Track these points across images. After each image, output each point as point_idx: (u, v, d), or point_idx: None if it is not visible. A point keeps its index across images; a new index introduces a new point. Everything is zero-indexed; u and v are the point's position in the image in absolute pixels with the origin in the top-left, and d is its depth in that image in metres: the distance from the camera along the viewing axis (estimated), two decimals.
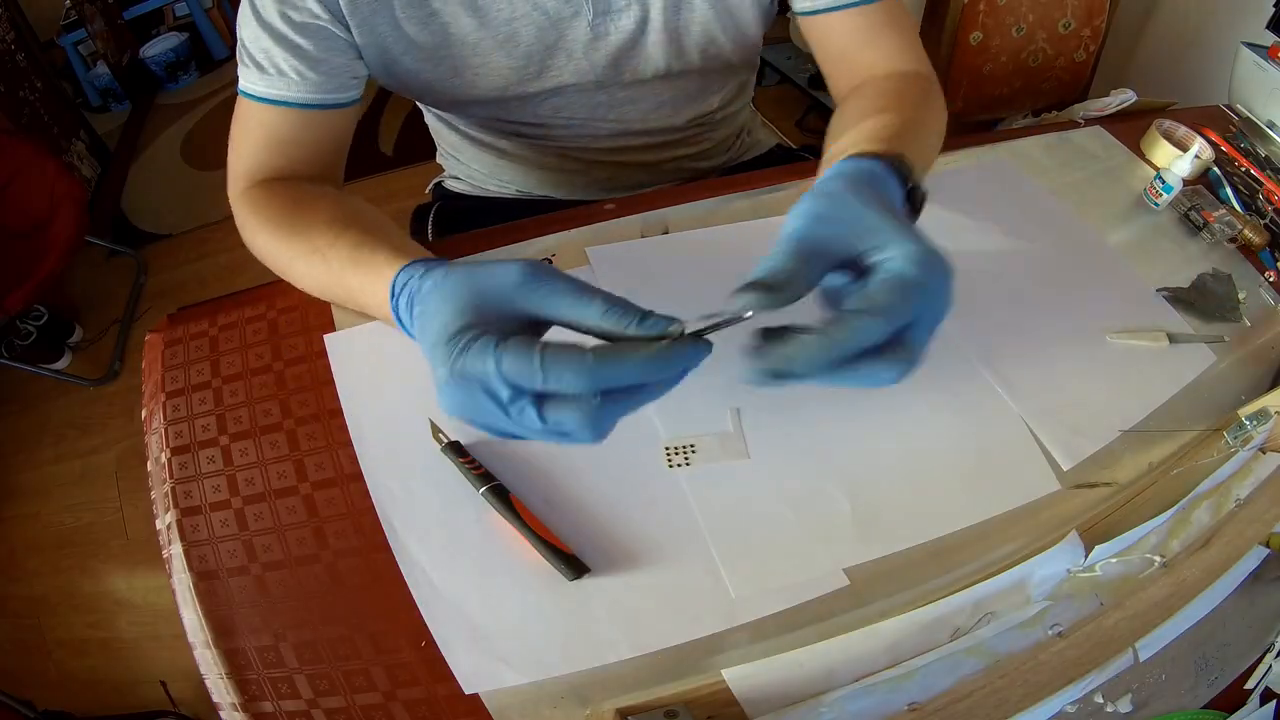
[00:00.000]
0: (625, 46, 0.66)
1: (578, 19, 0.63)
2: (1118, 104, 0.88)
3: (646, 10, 0.64)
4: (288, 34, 0.57)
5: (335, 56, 0.60)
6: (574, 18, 0.63)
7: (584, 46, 0.65)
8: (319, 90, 0.60)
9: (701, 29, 0.66)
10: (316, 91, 0.60)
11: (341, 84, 0.61)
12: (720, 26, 0.67)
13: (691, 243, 0.67)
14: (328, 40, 0.59)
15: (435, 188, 0.94)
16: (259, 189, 0.61)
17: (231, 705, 0.45)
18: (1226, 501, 0.53)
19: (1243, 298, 0.68)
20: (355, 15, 0.59)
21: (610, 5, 0.63)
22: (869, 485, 0.53)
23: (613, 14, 0.64)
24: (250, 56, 0.59)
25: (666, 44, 0.67)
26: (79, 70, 2.26)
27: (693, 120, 0.79)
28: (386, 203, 1.97)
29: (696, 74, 0.72)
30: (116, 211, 2.04)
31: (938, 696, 0.43)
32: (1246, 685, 0.48)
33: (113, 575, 1.41)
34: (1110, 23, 1.35)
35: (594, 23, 0.64)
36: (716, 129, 0.84)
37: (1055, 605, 0.48)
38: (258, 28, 0.57)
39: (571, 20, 0.63)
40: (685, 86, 0.74)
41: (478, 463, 0.52)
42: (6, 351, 1.61)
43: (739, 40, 0.69)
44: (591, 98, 0.71)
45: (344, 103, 0.62)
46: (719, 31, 0.67)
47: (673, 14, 0.65)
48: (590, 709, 0.44)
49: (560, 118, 0.73)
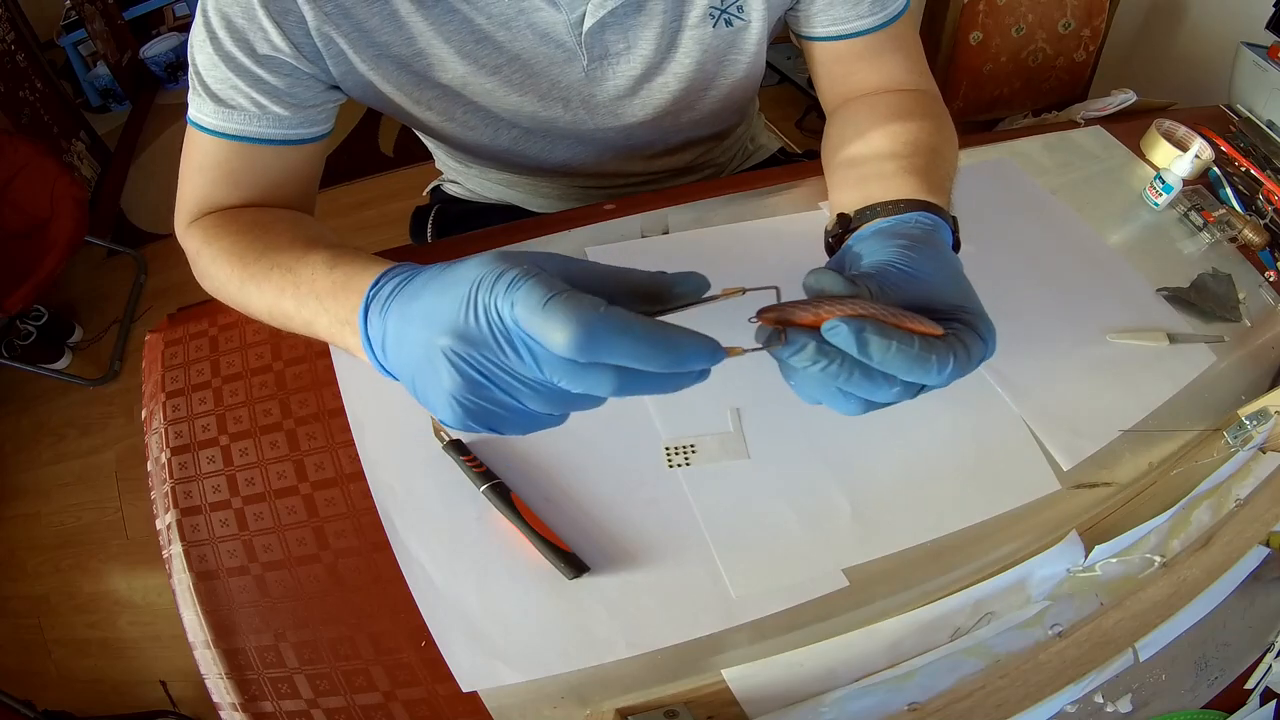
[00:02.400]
0: (623, 91, 0.63)
1: (572, 64, 0.60)
2: (1118, 104, 0.88)
3: (644, 55, 0.60)
4: (248, 65, 0.52)
5: (302, 90, 0.55)
6: (568, 63, 0.59)
7: (580, 93, 0.62)
8: (282, 126, 0.55)
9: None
10: (279, 127, 0.54)
11: (308, 118, 0.56)
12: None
13: (691, 243, 0.67)
14: (292, 75, 0.54)
15: (434, 190, 0.94)
16: (212, 218, 0.56)
17: (231, 705, 0.45)
18: (1226, 501, 0.53)
19: (1243, 298, 0.68)
20: (330, 51, 0.54)
21: (607, 50, 0.59)
22: (869, 485, 0.53)
23: (610, 59, 0.60)
24: (204, 86, 0.53)
25: (664, 87, 0.64)
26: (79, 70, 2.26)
27: (696, 150, 0.79)
28: (386, 203, 1.97)
29: (700, 112, 0.69)
30: (116, 211, 2.04)
31: (938, 696, 0.43)
32: (1246, 685, 0.48)
33: (113, 575, 1.41)
34: (1110, 23, 1.35)
35: (589, 68, 0.60)
36: (721, 154, 0.84)
37: (1055, 605, 0.48)
38: (214, 55, 0.52)
39: (565, 65, 0.60)
40: (689, 122, 0.71)
41: (479, 461, 0.52)
42: (6, 351, 1.61)
43: (743, 75, 0.66)
44: (590, 138, 0.69)
45: (310, 138, 0.57)
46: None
47: (669, 57, 0.62)
48: (590, 709, 0.44)
49: (557, 158, 0.71)
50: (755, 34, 0.62)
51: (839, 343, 0.34)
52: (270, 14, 0.50)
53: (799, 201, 0.70)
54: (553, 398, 0.34)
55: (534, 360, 0.32)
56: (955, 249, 0.49)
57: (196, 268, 0.57)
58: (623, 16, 0.57)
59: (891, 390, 0.36)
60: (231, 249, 0.52)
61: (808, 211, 0.69)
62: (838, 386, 0.36)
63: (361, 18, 0.53)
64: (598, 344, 0.31)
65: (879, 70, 0.64)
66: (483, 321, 0.33)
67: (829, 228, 0.53)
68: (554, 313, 0.31)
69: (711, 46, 0.62)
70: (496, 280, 0.33)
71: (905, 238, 0.42)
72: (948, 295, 0.39)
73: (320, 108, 0.57)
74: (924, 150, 0.55)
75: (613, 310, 0.31)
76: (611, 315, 0.31)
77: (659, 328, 0.32)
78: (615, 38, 0.59)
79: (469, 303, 0.33)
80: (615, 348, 0.31)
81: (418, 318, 0.36)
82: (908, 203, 0.48)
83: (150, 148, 2.20)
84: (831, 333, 0.34)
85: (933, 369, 0.36)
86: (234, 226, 0.55)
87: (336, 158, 2.08)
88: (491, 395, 0.34)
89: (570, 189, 0.80)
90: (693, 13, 0.59)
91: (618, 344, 0.31)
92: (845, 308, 0.34)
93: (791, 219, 0.69)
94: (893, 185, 0.51)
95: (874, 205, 0.49)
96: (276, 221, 0.56)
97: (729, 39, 0.62)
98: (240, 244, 0.53)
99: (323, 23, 0.52)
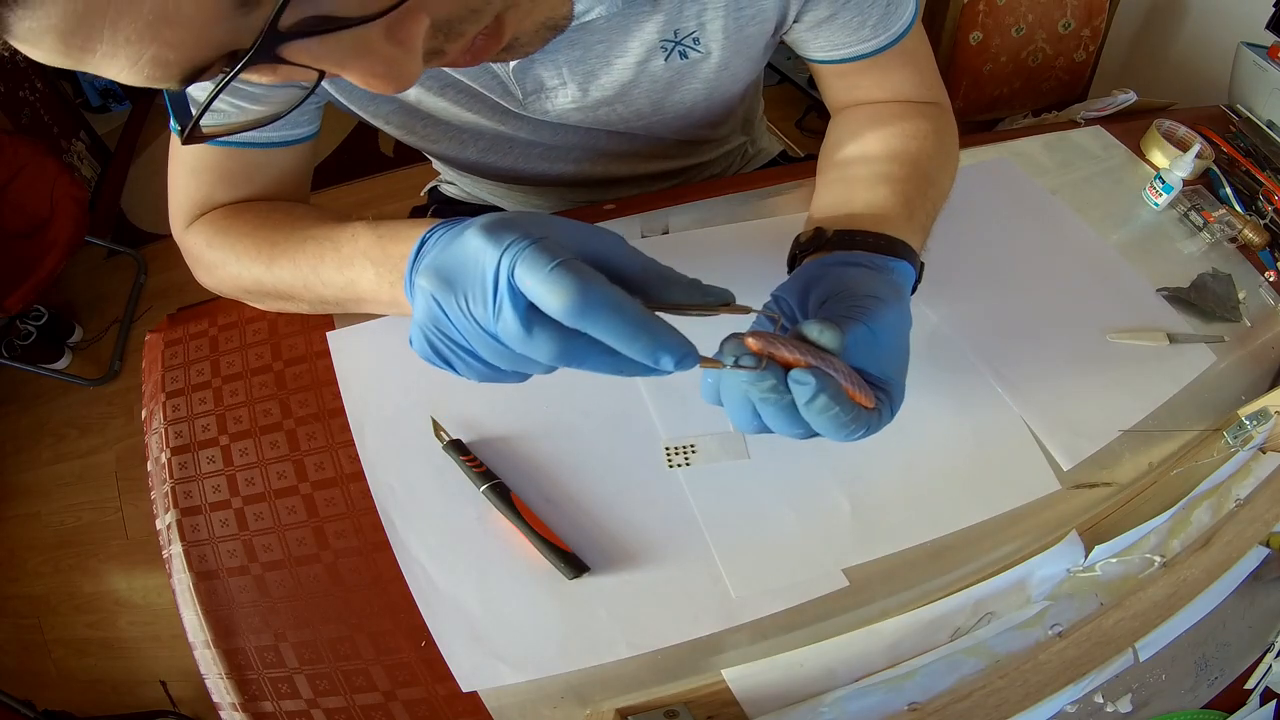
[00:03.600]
0: (568, 117, 0.61)
1: (509, 95, 0.58)
2: (1118, 104, 0.88)
3: (582, 87, 0.57)
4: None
5: (280, 93, 0.53)
6: (505, 94, 0.58)
7: (527, 118, 0.61)
8: (266, 130, 0.53)
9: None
10: (264, 131, 0.53)
11: (290, 121, 0.55)
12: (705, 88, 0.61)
13: (691, 243, 0.67)
14: (268, 86, 0.51)
15: (431, 191, 0.94)
16: (219, 213, 0.56)
17: (231, 705, 0.45)
18: (1226, 501, 0.53)
19: (1243, 298, 0.68)
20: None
21: (541, 84, 0.57)
22: (869, 485, 0.53)
23: (545, 92, 0.58)
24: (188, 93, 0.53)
25: (612, 113, 0.61)
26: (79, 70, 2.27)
27: (678, 159, 0.77)
28: (386, 203, 1.97)
29: (661, 130, 0.67)
30: (116, 211, 2.04)
31: (938, 696, 0.43)
32: (1246, 685, 0.48)
33: (113, 575, 1.41)
34: (1110, 23, 1.35)
35: (526, 101, 0.58)
36: (715, 165, 0.83)
37: (1055, 605, 0.48)
38: None
39: (503, 95, 0.58)
40: (650, 139, 0.69)
41: (479, 461, 0.52)
42: (6, 351, 1.61)
43: (702, 100, 0.62)
44: (556, 155, 0.68)
45: (295, 140, 0.57)
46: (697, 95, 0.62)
47: (624, 84, 0.58)
48: (590, 709, 0.44)
49: (533, 169, 0.70)
50: (715, 63, 0.58)
51: (795, 391, 0.36)
52: None
53: (800, 202, 0.70)
54: (502, 355, 0.35)
55: (494, 319, 0.33)
56: (913, 290, 0.50)
57: (203, 263, 0.57)
58: (553, 52, 0.54)
59: (797, 433, 0.38)
60: (254, 233, 0.54)
61: (807, 212, 0.69)
62: (759, 411, 0.38)
63: None
64: (589, 314, 0.32)
65: (885, 85, 0.62)
66: (479, 274, 0.34)
67: (801, 236, 0.53)
68: (558, 278, 0.31)
69: (661, 78, 0.58)
70: (508, 247, 0.33)
71: (879, 296, 0.43)
72: (890, 369, 0.41)
73: (303, 110, 0.55)
74: (917, 170, 0.55)
75: (611, 288, 0.32)
76: (609, 292, 0.32)
77: (646, 317, 0.33)
78: (549, 73, 0.56)
79: (474, 257, 0.34)
80: (602, 322, 0.32)
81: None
82: (889, 242, 0.49)
83: (150, 148, 2.20)
84: (797, 382, 0.36)
85: (844, 433, 0.38)
86: (249, 214, 0.56)
87: (336, 158, 2.08)
88: (452, 337, 0.36)
89: (557, 197, 0.80)
90: (635, 47, 0.54)
91: (607, 319, 0.32)
92: (821, 363, 0.37)
93: (792, 219, 0.69)
94: (875, 197, 0.52)
95: (855, 233, 0.49)
96: (294, 206, 0.57)
97: (682, 70, 0.58)
98: (265, 227, 0.54)
99: None
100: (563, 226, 0.35)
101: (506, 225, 0.34)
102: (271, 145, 0.56)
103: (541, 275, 0.31)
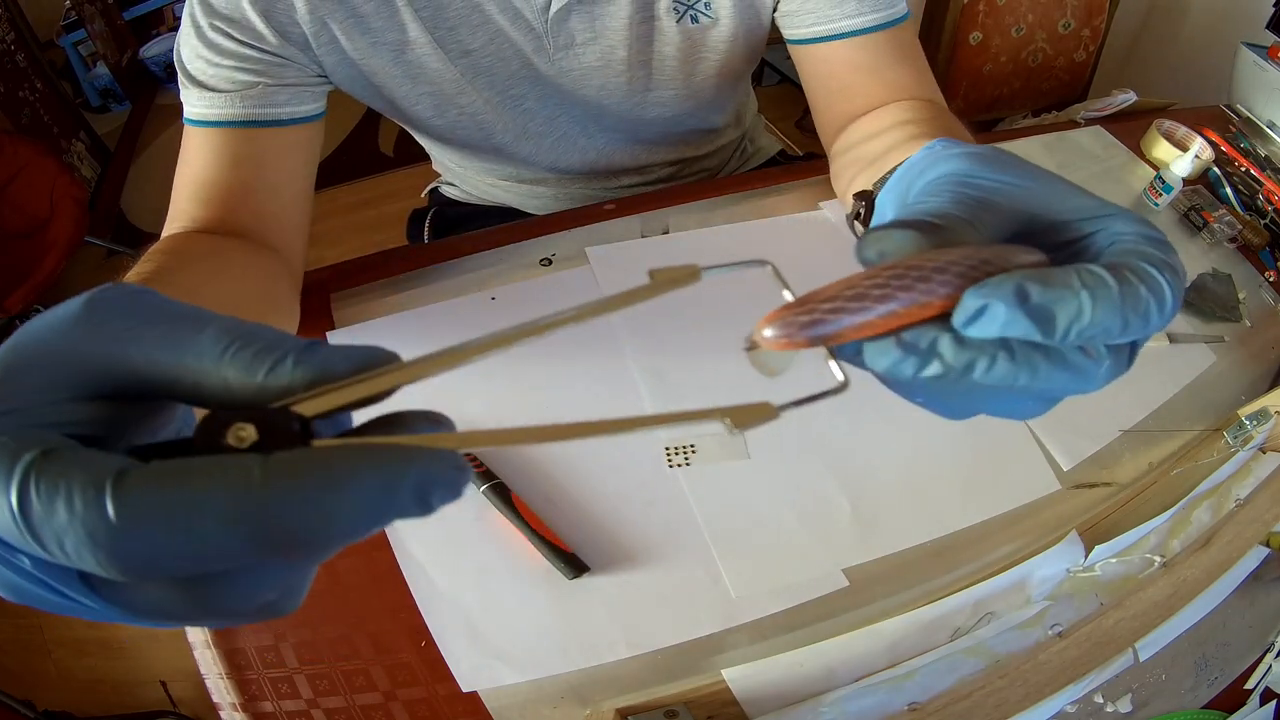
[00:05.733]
0: (590, 79, 0.62)
1: (539, 53, 0.60)
2: (1118, 104, 0.88)
3: (610, 45, 0.60)
4: (232, 47, 0.52)
5: (288, 71, 0.54)
6: (536, 51, 0.60)
7: (553, 81, 0.62)
8: (273, 104, 0.53)
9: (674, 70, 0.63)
10: (269, 105, 0.53)
11: (296, 96, 0.55)
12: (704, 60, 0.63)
13: (691, 243, 0.67)
14: (278, 55, 0.53)
15: (432, 192, 0.94)
16: (179, 235, 0.54)
17: (231, 705, 0.45)
18: (1226, 501, 0.53)
19: (1243, 298, 0.68)
20: (322, 39, 0.54)
21: (573, 39, 0.59)
22: (869, 485, 0.53)
23: (575, 48, 0.60)
24: (192, 79, 0.53)
25: (632, 79, 0.63)
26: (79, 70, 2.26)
27: (682, 148, 0.78)
28: (386, 203, 1.97)
29: (671, 107, 0.68)
30: (116, 211, 2.04)
31: (938, 696, 0.43)
32: (1246, 685, 0.48)
33: None
34: (1110, 23, 1.35)
35: (554, 56, 0.60)
36: (713, 158, 0.83)
37: (1055, 605, 0.48)
38: (198, 45, 0.52)
39: (534, 54, 0.60)
40: (661, 118, 0.70)
41: (479, 460, 0.52)
42: None
43: (714, 73, 0.64)
44: (580, 132, 0.70)
45: (304, 117, 0.56)
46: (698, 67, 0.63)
47: (635, 49, 0.61)
48: (590, 709, 0.44)
49: (546, 158, 0.71)
50: (725, 32, 0.61)
51: (991, 328, 0.20)
52: (254, 2, 0.51)
53: (799, 202, 0.70)
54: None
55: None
56: None
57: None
58: (590, 4, 0.57)
59: (1100, 368, 0.22)
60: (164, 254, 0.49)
61: (808, 212, 0.69)
62: (1011, 388, 0.22)
63: (356, 3, 0.54)
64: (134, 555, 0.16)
65: (882, 84, 0.59)
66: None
67: (849, 213, 0.47)
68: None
69: (677, 42, 0.61)
70: None
71: (957, 150, 0.28)
72: (1061, 201, 0.26)
73: (309, 87, 0.56)
74: (941, 129, 0.51)
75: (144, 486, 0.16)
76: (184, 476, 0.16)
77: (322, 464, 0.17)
78: (581, 25, 0.59)
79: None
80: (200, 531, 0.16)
81: None
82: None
83: (150, 148, 2.20)
84: (979, 320, 0.21)
85: (1150, 308, 0.21)
86: (186, 244, 0.52)
87: (336, 158, 2.08)
88: None
89: (563, 191, 0.80)
90: (660, 3, 0.59)
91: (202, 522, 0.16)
92: (958, 264, 0.21)
93: (791, 219, 0.69)
94: (915, 149, 0.39)
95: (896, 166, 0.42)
96: (231, 260, 0.52)
97: (696, 36, 0.61)
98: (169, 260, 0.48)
99: (316, 8, 0.53)
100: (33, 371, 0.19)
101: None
102: (277, 123, 0.54)
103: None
